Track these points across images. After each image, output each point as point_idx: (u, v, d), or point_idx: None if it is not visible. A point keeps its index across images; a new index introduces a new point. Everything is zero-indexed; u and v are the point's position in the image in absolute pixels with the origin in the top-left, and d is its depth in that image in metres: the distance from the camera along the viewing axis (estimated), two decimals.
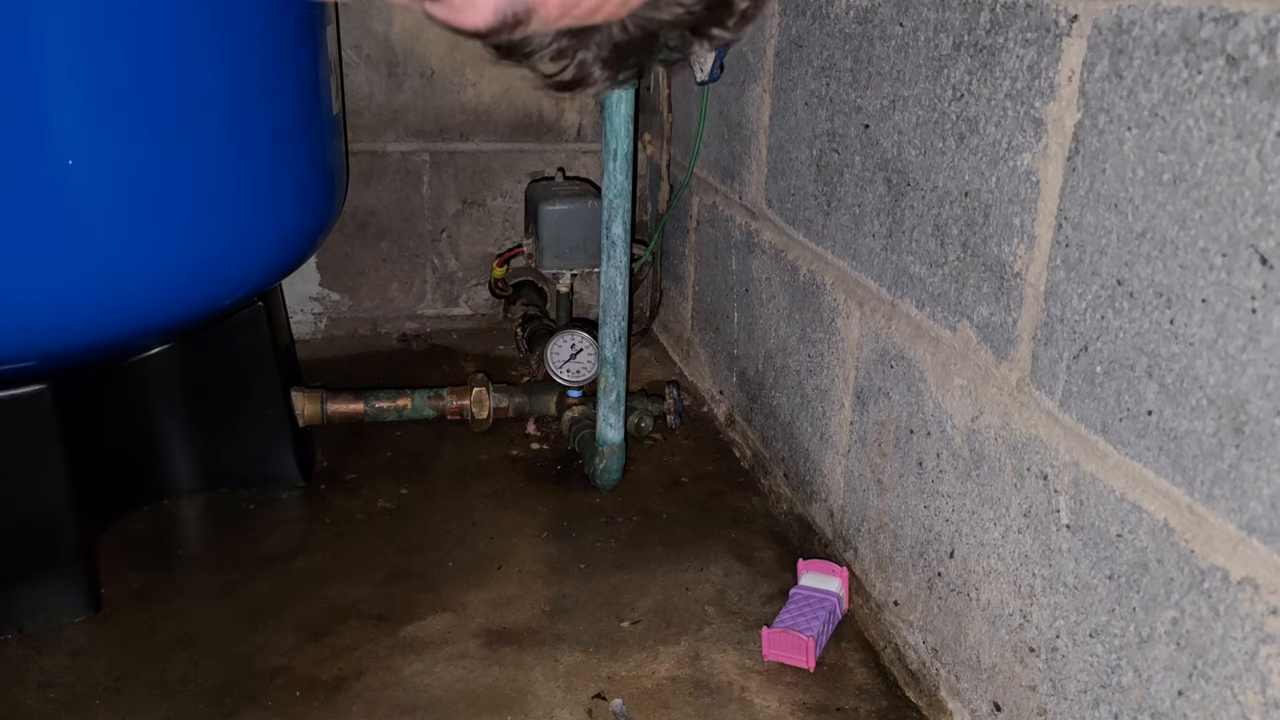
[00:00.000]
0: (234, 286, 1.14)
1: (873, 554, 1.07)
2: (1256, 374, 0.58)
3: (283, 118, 1.13)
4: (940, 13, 0.87)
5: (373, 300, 1.88)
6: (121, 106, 0.95)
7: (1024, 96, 0.77)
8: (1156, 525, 0.66)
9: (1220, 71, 0.59)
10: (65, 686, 0.98)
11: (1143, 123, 0.66)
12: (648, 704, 0.97)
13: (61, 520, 1.08)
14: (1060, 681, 0.77)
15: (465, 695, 0.97)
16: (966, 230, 0.86)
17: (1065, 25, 0.72)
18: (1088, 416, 0.72)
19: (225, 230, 1.07)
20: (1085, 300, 0.72)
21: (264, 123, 1.09)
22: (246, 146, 1.08)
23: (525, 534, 1.26)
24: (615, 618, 1.10)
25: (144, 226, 1.00)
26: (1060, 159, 0.74)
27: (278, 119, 1.12)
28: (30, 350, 1.00)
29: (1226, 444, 0.61)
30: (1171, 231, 0.64)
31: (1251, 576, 0.59)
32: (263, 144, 1.10)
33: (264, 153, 1.10)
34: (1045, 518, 0.78)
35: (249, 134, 1.08)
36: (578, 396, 1.46)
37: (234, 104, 1.05)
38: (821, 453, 1.19)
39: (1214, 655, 0.62)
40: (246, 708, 0.95)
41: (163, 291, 1.04)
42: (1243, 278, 0.59)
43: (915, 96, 0.92)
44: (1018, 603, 0.82)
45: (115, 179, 0.97)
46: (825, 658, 1.03)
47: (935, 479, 0.93)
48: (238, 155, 1.07)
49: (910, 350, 0.97)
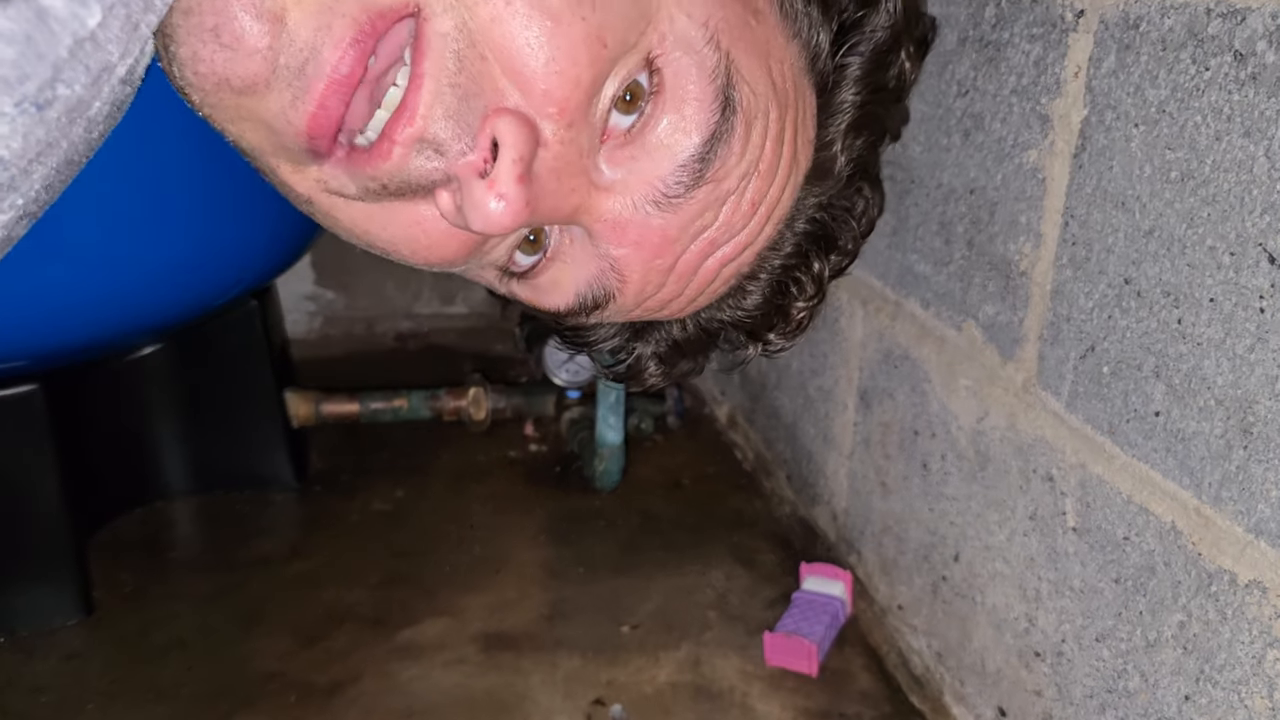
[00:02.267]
0: (228, 284, 1.14)
1: (876, 557, 1.06)
2: (1265, 374, 0.57)
3: None
4: (945, 7, 0.87)
5: (368, 299, 1.86)
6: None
7: (1030, 92, 0.76)
8: (1164, 528, 0.66)
9: (1228, 68, 0.59)
10: (57, 690, 0.97)
11: (1150, 119, 0.65)
12: (648, 710, 0.96)
13: (53, 522, 1.07)
14: (1066, 686, 0.76)
15: (463, 701, 0.96)
16: (972, 228, 0.85)
17: (1072, 20, 0.71)
18: (1095, 417, 0.72)
19: (218, 226, 1.06)
20: (1092, 299, 0.71)
21: None
22: None
23: (523, 537, 1.25)
24: (615, 622, 1.09)
25: (135, 222, 0.99)
26: (1067, 156, 0.73)
27: None
28: (21, 350, 0.99)
29: (1234, 445, 0.60)
30: (1179, 230, 0.63)
31: (1259, 579, 0.58)
32: None
33: None
34: (1051, 520, 0.77)
35: None
36: (577, 397, 1.45)
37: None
38: (825, 454, 1.18)
39: (1221, 659, 0.61)
40: (241, 712, 0.95)
41: (155, 289, 1.03)
42: (1251, 277, 0.58)
43: (919, 92, 0.92)
44: (1023, 606, 0.81)
45: (106, 174, 0.96)
46: (828, 663, 1.02)
47: (940, 481, 0.93)
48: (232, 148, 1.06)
49: (915, 350, 0.96)
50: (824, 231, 0.62)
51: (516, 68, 0.45)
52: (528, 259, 0.55)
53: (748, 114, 0.51)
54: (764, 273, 0.61)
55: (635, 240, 0.52)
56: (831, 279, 0.65)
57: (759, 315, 0.64)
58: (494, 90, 0.45)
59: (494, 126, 0.45)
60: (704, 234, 0.54)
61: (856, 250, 0.65)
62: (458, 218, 0.47)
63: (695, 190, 0.51)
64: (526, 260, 0.55)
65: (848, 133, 0.60)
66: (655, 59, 0.48)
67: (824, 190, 0.61)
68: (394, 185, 0.47)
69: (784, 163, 0.55)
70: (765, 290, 0.62)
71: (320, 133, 0.45)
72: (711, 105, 0.50)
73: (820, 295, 0.64)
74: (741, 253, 0.57)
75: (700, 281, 0.57)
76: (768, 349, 0.66)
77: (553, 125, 0.47)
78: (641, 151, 0.50)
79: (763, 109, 0.52)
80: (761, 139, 0.53)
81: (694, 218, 0.53)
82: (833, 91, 0.59)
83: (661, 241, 0.53)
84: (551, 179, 0.48)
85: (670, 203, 0.51)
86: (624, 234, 0.52)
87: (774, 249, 0.61)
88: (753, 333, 0.66)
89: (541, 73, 0.45)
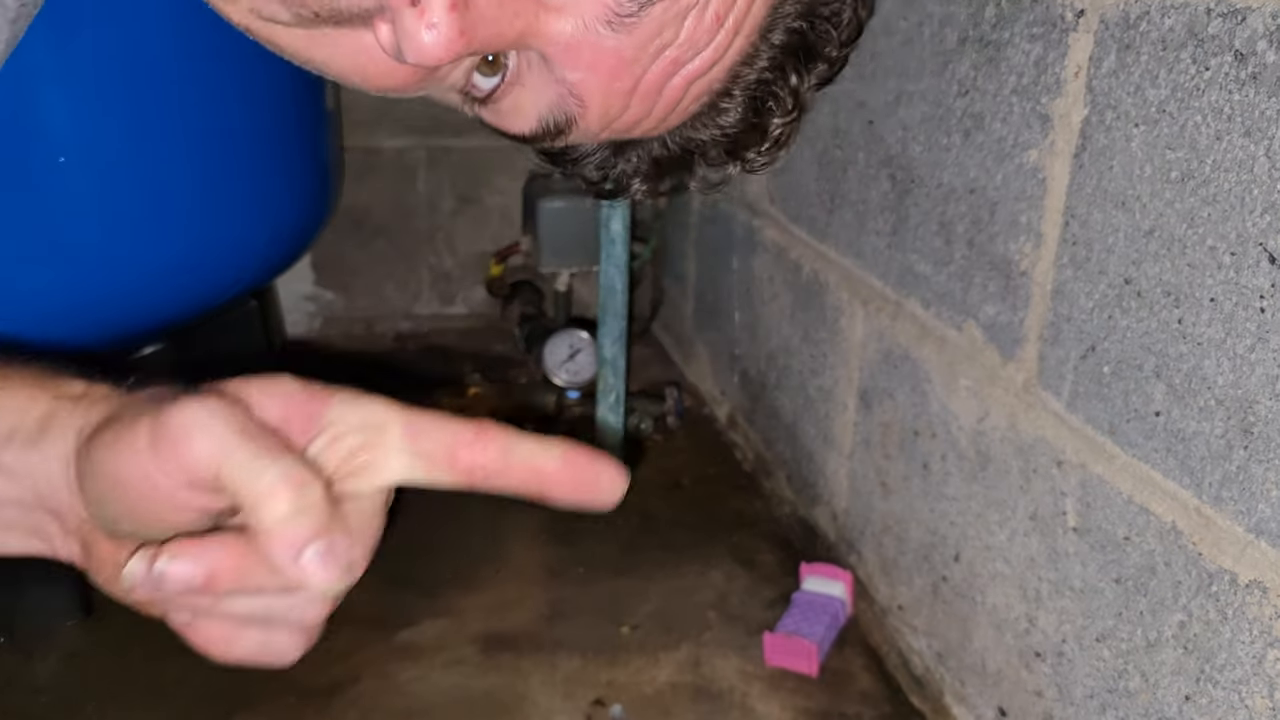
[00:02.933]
0: (228, 284, 1.13)
1: (877, 557, 1.06)
2: (1265, 374, 0.57)
3: (276, 112, 1.12)
4: (945, 7, 0.86)
5: (368, 299, 1.86)
6: (112, 100, 0.94)
7: (1030, 92, 0.76)
8: (1164, 528, 0.65)
9: (1228, 67, 0.59)
10: (57, 690, 0.97)
11: (1150, 119, 0.65)
12: (648, 710, 0.95)
13: None
14: (1067, 686, 0.76)
15: (462, 701, 0.96)
16: (972, 228, 0.85)
17: (1072, 20, 0.71)
18: (1095, 417, 0.71)
19: (218, 226, 1.06)
20: (1093, 299, 0.71)
21: (257, 117, 1.08)
22: (239, 140, 1.07)
23: (523, 537, 1.25)
24: (614, 623, 1.08)
25: (136, 221, 0.99)
26: (1067, 155, 0.73)
27: (271, 113, 1.11)
28: (21, 350, 0.99)
29: (1235, 445, 0.60)
30: (1180, 229, 0.63)
31: (1259, 579, 0.58)
32: (256, 138, 1.09)
33: (257, 147, 1.09)
34: (1052, 520, 0.77)
35: (242, 128, 1.07)
36: (576, 398, 1.45)
37: (227, 98, 1.04)
38: (825, 454, 1.18)
39: (1222, 659, 0.61)
40: (241, 713, 0.94)
41: (155, 289, 1.03)
42: (1251, 276, 0.58)
43: (920, 92, 0.91)
44: (1024, 607, 0.81)
45: (105, 173, 0.96)
46: (828, 663, 1.02)
47: (940, 481, 0.92)
48: (230, 149, 1.06)
49: (915, 350, 0.96)
50: (803, 42, 0.59)
51: None
52: (487, 81, 0.53)
53: None
54: (738, 88, 0.59)
55: (590, 63, 0.50)
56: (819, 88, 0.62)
57: (737, 132, 0.61)
58: None
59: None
60: (665, 52, 0.52)
61: (842, 59, 0.62)
62: (394, 49, 0.46)
63: (650, 7, 0.49)
64: (486, 83, 0.53)
65: None
66: None
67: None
68: (325, 13, 0.46)
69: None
70: (741, 106, 0.59)
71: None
72: None
73: (800, 109, 0.62)
74: (710, 69, 0.55)
75: (668, 101, 0.55)
76: (748, 166, 0.65)
77: None
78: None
79: None
80: None
81: (652, 36, 0.51)
82: None
83: (618, 63, 0.51)
84: (491, 4, 0.46)
85: (623, 22, 0.49)
86: (578, 57, 0.50)
87: (747, 63, 0.58)
88: (732, 150, 0.64)
89: None
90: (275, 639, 0.43)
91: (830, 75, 0.62)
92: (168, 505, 0.39)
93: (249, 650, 0.43)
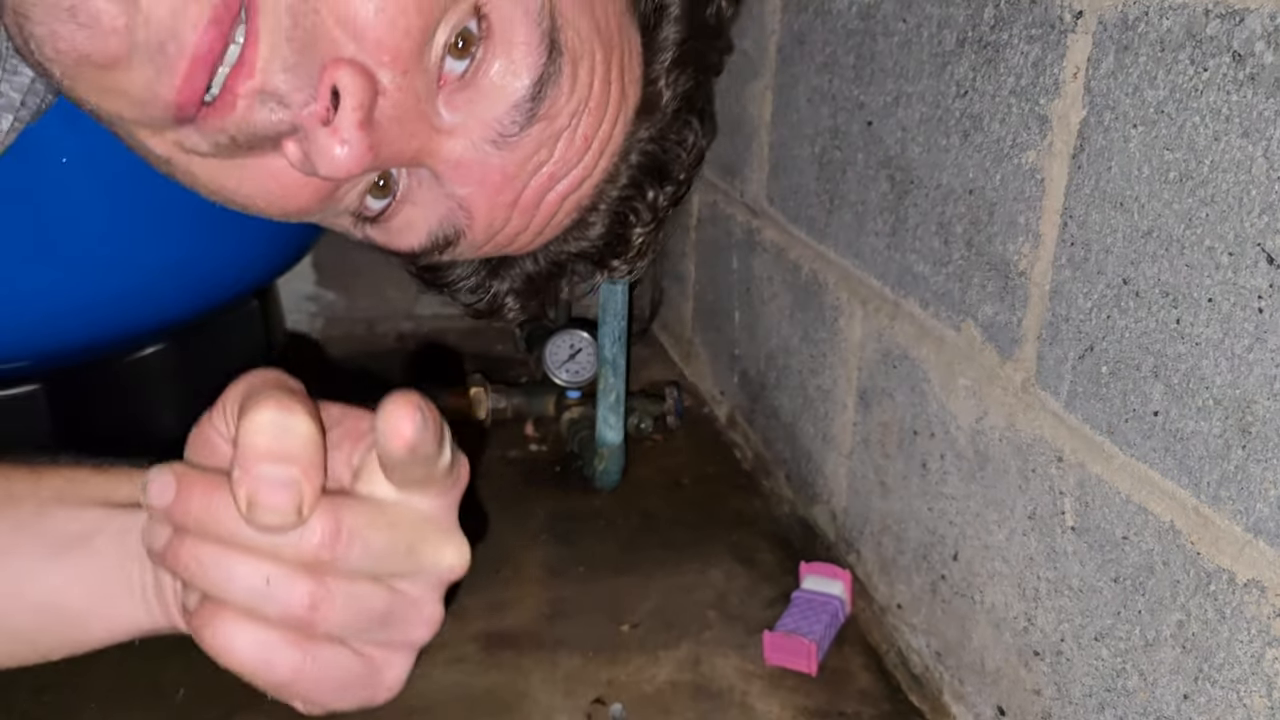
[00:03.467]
0: (228, 284, 1.14)
1: (876, 557, 1.06)
2: (1263, 374, 0.57)
3: None
4: (944, 8, 0.87)
5: (369, 299, 1.87)
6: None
7: (1029, 93, 0.76)
8: (1163, 527, 0.66)
9: (1226, 68, 0.59)
10: (60, 690, 0.97)
11: (1148, 120, 0.65)
12: (648, 709, 0.96)
13: None
14: (1065, 685, 0.76)
15: (463, 699, 0.97)
16: (971, 228, 0.85)
17: (1070, 21, 0.72)
18: (1093, 417, 0.72)
19: (218, 226, 1.06)
20: (1091, 299, 0.71)
21: None
22: None
23: (523, 536, 1.25)
24: (615, 621, 1.09)
25: (136, 223, 0.99)
26: (1065, 156, 0.73)
27: None
28: (22, 350, 0.99)
29: (1233, 445, 0.60)
30: (1178, 230, 0.63)
31: (1258, 579, 0.59)
32: None
33: None
34: (1050, 520, 0.77)
35: None
36: (577, 397, 1.45)
37: None
38: (824, 454, 1.18)
39: (1220, 658, 0.62)
40: (243, 713, 0.95)
41: (156, 289, 1.04)
42: (1249, 277, 0.58)
43: (919, 93, 0.92)
44: (1022, 606, 0.81)
45: (107, 173, 0.96)
46: (828, 662, 1.02)
47: (939, 481, 0.93)
48: None
49: (914, 350, 0.96)
50: (656, 163, 0.67)
51: (349, 19, 0.47)
52: (379, 203, 0.58)
53: (574, 55, 0.55)
54: (603, 204, 0.66)
55: (478, 179, 0.56)
56: (669, 207, 0.70)
57: (603, 244, 0.69)
58: (330, 42, 0.48)
59: (333, 76, 0.48)
60: (542, 169, 0.58)
61: (690, 179, 0.71)
62: (306, 164, 0.50)
63: (529, 128, 0.55)
64: (378, 204, 0.58)
65: (671, 69, 0.64)
66: (482, 6, 0.52)
67: (653, 124, 0.65)
68: (242, 138, 0.50)
69: (613, 99, 0.59)
70: (606, 220, 0.67)
71: (188, 103, 0.48)
72: (538, 48, 0.53)
73: (657, 222, 0.70)
74: (580, 185, 0.61)
75: (544, 214, 0.61)
76: (613, 276, 0.71)
77: (389, 73, 0.49)
78: (477, 94, 0.53)
79: (588, 50, 0.56)
80: (589, 78, 0.57)
81: (530, 154, 0.57)
82: (655, 30, 0.63)
83: (502, 179, 0.57)
84: (393, 125, 0.51)
85: (506, 141, 0.55)
86: (468, 173, 0.56)
87: (610, 181, 0.65)
88: (599, 261, 0.72)
89: (373, 23, 0.48)
90: (272, 641, 0.44)
91: (680, 195, 0.69)
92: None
93: (249, 648, 0.44)
